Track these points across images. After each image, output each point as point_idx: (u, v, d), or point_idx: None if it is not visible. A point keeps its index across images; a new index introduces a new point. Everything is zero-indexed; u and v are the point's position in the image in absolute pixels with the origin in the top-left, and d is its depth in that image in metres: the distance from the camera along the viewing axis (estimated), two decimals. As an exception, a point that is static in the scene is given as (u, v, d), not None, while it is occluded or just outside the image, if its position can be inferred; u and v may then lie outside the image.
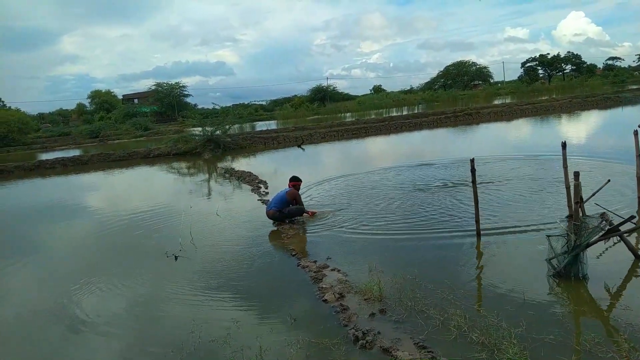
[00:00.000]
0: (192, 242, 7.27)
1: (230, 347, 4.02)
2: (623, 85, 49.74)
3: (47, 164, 22.07)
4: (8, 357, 4.48)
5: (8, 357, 4.48)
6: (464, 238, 6.35)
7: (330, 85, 74.11)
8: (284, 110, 54.56)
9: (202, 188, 13.48)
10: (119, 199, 12.71)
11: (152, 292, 5.71)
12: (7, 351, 4.59)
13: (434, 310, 4.27)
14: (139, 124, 44.77)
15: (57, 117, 70.26)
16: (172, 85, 68.72)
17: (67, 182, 17.87)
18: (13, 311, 5.54)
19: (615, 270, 4.89)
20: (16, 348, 4.65)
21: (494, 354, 3.48)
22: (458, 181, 9.99)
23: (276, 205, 8.10)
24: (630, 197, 7.20)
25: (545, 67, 79.80)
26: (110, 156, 22.96)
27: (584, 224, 4.66)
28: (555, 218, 5.88)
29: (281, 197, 8.12)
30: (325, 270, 5.54)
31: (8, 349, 4.63)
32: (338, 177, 11.93)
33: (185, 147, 22.67)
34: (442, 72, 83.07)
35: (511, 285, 4.74)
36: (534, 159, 12.00)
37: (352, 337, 3.93)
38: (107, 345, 4.48)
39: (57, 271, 6.95)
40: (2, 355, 4.51)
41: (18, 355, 4.53)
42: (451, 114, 29.37)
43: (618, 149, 11.88)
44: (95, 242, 8.38)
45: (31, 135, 42.68)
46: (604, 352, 3.39)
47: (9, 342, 4.79)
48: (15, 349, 4.63)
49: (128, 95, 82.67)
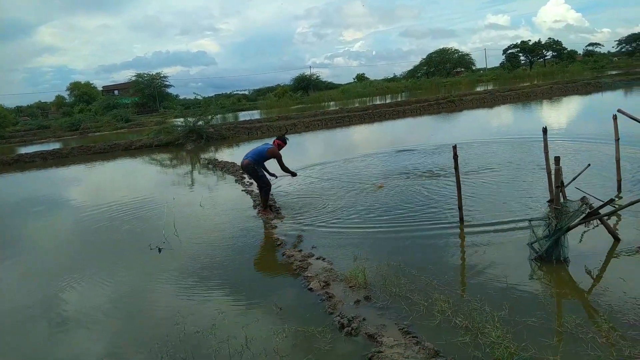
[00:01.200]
0: (175, 234, 7.20)
1: (216, 337, 4.00)
2: (603, 71, 50.35)
3: (27, 158, 21.64)
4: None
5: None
6: (448, 224, 6.39)
7: (313, 74, 73.90)
8: (268, 100, 54.33)
9: (185, 179, 13.36)
10: (100, 192, 12.53)
11: (136, 285, 5.65)
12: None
13: (418, 296, 4.30)
14: (120, 116, 44.11)
15: (35, 110, 68.90)
16: (152, 75, 67.74)
17: (48, 175, 17.56)
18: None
19: (596, 253, 4.98)
20: (1, 345, 4.58)
21: (477, 337, 3.52)
22: (440, 169, 10.05)
23: (253, 157, 7.85)
24: (611, 180, 7.31)
25: (527, 53, 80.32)
26: (91, 149, 22.60)
27: (565, 208, 4.72)
28: (535, 205, 5.95)
29: (260, 151, 7.92)
30: (310, 259, 5.54)
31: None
32: (322, 163, 11.94)
33: (167, 138, 22.39)
34: (425, 60, 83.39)
35: (494, 270, 4.80)
36: (518, 145, 12.13)
37: (338, 325, 3.94)
38: (91, 339, 4.43)
39: (39, 266, 6.84)
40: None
41: (3, 351, 4.45)
42: (434, 101, 29.45)
43: (599, 132, 12.03)
44: (77, 236, 8.26)
45: (9, 128, 41.87)
46: (584, 333, 3.45)
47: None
48: (0, 346, 4.56)
49: (108, 86, 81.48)
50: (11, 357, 4.34)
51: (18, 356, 4.33)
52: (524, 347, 3.33)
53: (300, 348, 3.71)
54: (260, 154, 7.91)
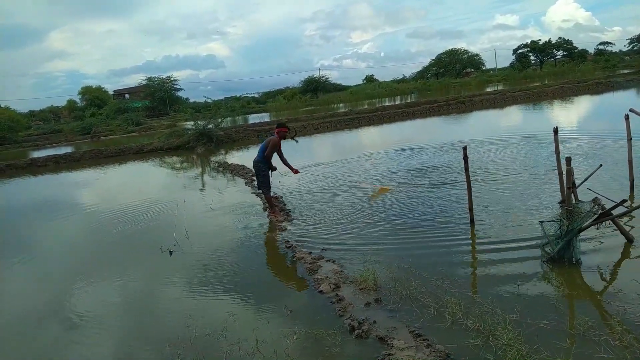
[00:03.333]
0: (186, 237, 7.24)
1: (227, 340, 4.02)
2: (614, 70, 49.82)
3: (39, 162, 21.86)
4: (3, 355, 4.47)
5: (3, 356, 4.46)
6: (458, 226, 6.37)
7: (322, 76, 73.74)
8: (277, 102, 54.37)
9: (196, 182, 13.44)
10: (112, 195, 12.63)
11: (147, 288, 5.70)
12: (2, 349, 4.58)
13: (429, 298, 4.29)
14: (131, 120, 44.34)
15: (48, 114, 69.55)
16: (163, 79, 68.05)
17: (60, 179, 17.75)
18: (8, 309, 5.52)
19: (608, 254, 4.93)
20: (12, 346, 4.63)
21: (489, 339, 3.50)
22: (454, 169, 10.00)
23: (259, 155, 7.97)
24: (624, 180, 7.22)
25: (537, 53, 79.68)
26: (102, 152, 22.78)
27: (577, 209, 4.68)
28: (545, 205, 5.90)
29: (262, 146, 8.00)
30: (320, 261, 5.54)
31: (3, 347, 4.61)
32: (327, 163, 11.94)
33: (178, 141, 22.50)
34: (434, 61, 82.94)
35: (505, 272, 4.78)
36: (528, 144, 12.04)
37: (348, 327, 3.94)
38: (103, 341, 4.47)
39: (51, 268, 6.93)
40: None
41: (14, 353, 4.51)
42: (444, 102, 29.34)
43: (611, 132, 11.90)
44: (89, 239, 8.35)
45: (22, 133, 42.28)
46: (597, 336, 3.42)
47: (5, 340, 4.77)
48: (11, 347, 4.61)
49: (119, 90, 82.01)
50: (21, 358, 4.39)
51: (28, 358, 4.38)
52: (535, 349, 3.30)
53: (311, 351, 3.71)
54: (262, 149, 7.96)
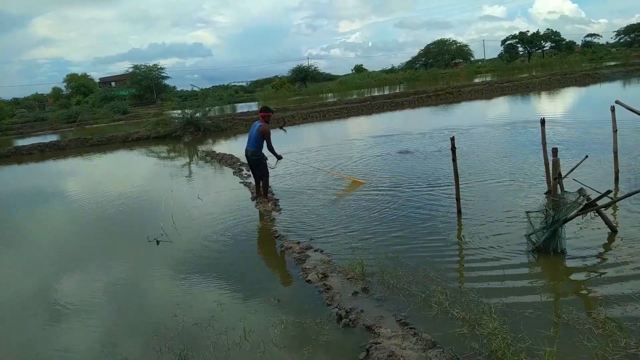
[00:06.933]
0: (173, 226, 7.20)
1: (214, 329, 4.02)
2: (601, 62, 50.19)
3: (24, 150, 21.48)
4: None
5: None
6: (445, 216, 6.41)
7: (311, 66, 73.26)
8: (265, 92, 54.09)
9: (183, 171, 13.32)
10: (98, 184, 12.47)
11: (134, 277, 5.66)
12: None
13: (415, 287, 4.32)
14: (117, 108, 43.70)
15: (32, 102, 68.35)
16: (149, 67, 67.21)
17: (45, 168, 17.48)
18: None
19: (593, 244, 5.00)
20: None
21: (474, 328, 3.54)
22: (441, 154, 10.05)
23: (253, 145, 7.90)
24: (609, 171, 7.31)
25: (525, 44, 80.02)
26: (88, 141, 22.44)
27: (562, 200, 4.73)
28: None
29: (255, 135, 7.90)
30: (308, 251, 5.55)
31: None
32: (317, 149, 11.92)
33: (165, 130, 22.24)
34: (423, 51, 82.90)
35: (491, 262, 4.82)
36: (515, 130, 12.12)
37: (336, 316, 3.96)
38: (90, 331, 4.44)
39: (37, 257, 6.84)
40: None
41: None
42: (432, 92, 29.38)
43: (596, 123, 12.02)
44: (74, 228, 8.26)
45: (6, 121, 41.47)
46: (581, 324, 3.47)
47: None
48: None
49: (105, 78, 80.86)
50: (6, 347, 4.34)
51: (14, 346, 4.33)
52: (520, 337, 3.35)
53: (298, 339, 3.72)
54: (256, 139, 7.89)
